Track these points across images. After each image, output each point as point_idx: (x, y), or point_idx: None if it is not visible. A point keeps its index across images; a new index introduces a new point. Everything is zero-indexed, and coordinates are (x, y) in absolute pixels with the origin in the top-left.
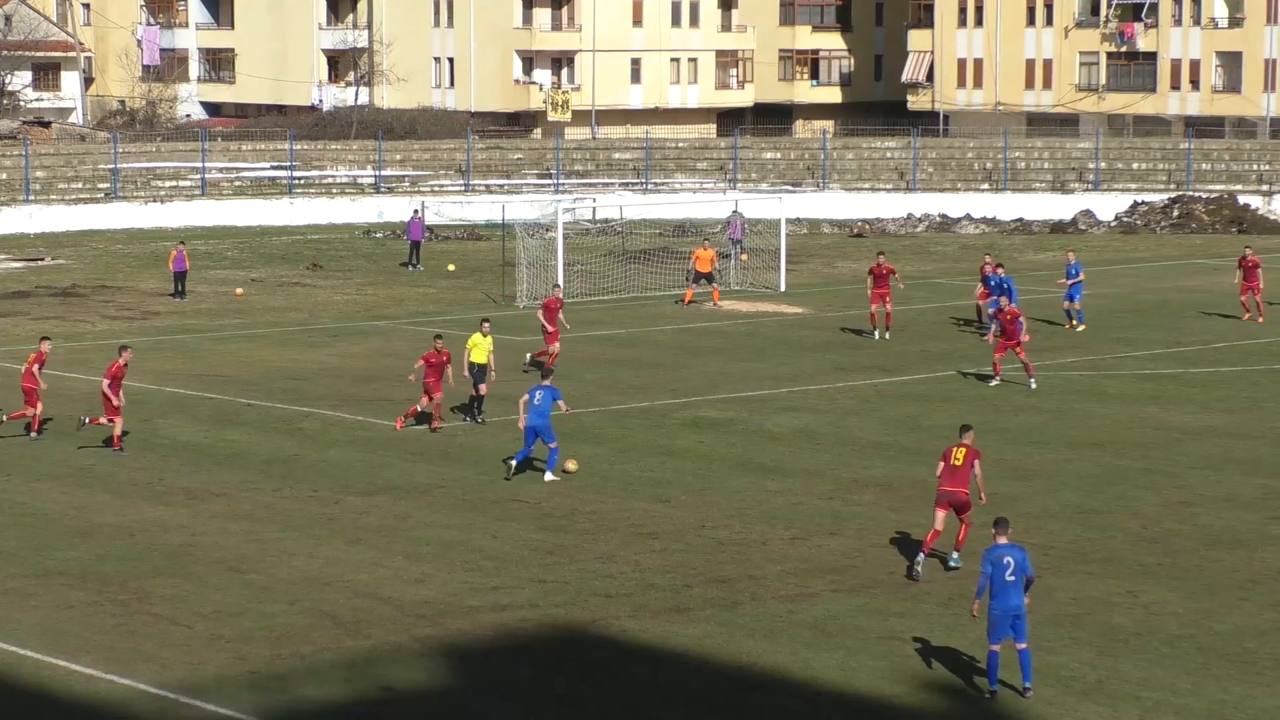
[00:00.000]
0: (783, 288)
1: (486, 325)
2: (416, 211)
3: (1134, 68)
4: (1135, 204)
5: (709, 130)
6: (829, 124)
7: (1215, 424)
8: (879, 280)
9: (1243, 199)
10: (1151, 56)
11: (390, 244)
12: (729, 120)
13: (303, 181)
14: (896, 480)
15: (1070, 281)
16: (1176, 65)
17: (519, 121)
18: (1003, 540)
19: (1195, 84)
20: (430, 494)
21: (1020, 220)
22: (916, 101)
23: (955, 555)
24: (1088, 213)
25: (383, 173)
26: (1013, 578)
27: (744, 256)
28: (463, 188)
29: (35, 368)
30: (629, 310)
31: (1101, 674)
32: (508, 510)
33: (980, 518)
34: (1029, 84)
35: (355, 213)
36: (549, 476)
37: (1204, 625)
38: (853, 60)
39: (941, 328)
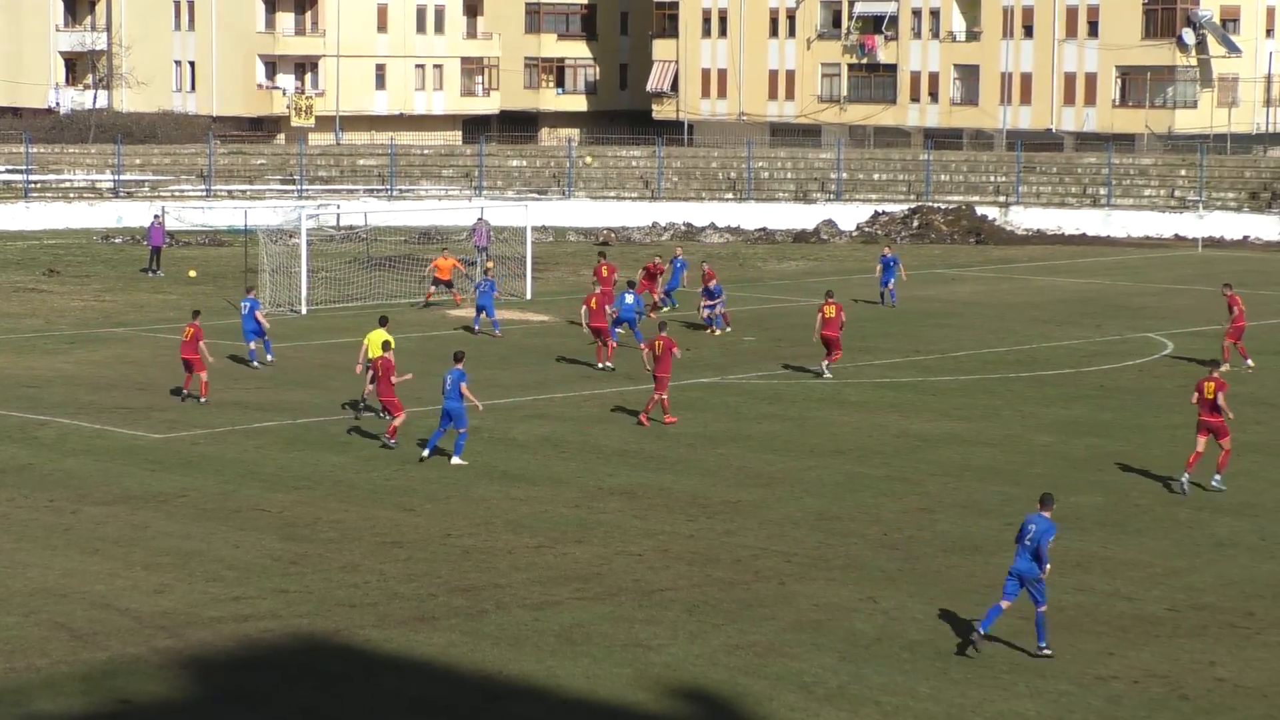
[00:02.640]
0: (529, 295)
1: (386, 321)
2: (157, 216)
3: (875, 79)
4: (876, 214)
5: (455, 137)
6: (574, 132)
7: (954, 431)
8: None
9: (980, 210)
10: (892, 69)
11: (130, 249)
12: (475, 127)
13: (39, 185)
14: (641, 488)
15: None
16: (916, 77)
17: (262, 126)
18: (1045, 513)
19: (934, 96)
20: (171, 503)
21: (764, 230)
22: (661, 111)
23: (1218, 478)
24: (830, 222)
25: (122, 177)
26: (1030, 542)
27: (489, 264)
28: (204, 193)
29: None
30: (374, 317)
31: (843, 679)
32: (250, 520)
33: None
34: (772, 95)
35: (94, 217)
36: (456, 461)
37: (943, 631)
38: (598, 69)
39: (685, 336)
